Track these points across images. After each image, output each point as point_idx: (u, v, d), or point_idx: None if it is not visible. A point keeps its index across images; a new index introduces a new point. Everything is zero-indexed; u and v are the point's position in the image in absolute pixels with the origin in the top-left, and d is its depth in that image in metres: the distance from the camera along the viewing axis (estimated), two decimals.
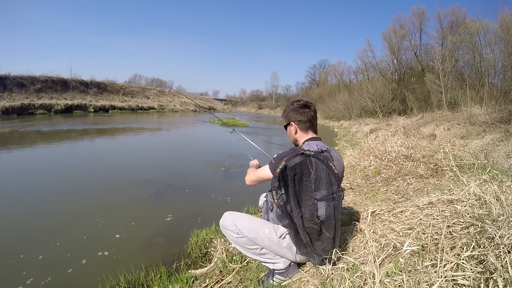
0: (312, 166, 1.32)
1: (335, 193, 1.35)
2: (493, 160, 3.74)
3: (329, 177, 1.33)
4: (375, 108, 18.33)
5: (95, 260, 2.38)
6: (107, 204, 3.60)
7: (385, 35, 21.35)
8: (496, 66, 12.28)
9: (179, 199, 3.89)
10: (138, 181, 4.69)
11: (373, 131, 10.81)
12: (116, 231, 2.88)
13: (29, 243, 2.64)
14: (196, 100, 45.92)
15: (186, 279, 1.96)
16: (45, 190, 4.12)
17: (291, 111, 1.56)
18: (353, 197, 3.01)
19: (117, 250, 2.54)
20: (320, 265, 1.41)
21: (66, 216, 3.24)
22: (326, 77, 45.11)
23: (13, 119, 16.06)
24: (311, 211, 1.33)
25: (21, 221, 3.06)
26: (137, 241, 2.72)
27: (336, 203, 1.36)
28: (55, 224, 3.05)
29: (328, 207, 1.35)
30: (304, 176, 1.32)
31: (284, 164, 1.32)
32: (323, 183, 1.33)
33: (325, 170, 1.32)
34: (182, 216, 3.32)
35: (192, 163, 6.48)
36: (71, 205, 3.55)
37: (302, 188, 1.33)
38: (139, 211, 3.40)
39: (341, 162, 1.52)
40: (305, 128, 1.53)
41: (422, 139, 6.32)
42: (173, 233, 2.93)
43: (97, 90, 29.98)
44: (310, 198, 1.33)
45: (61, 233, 2.82)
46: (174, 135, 12.78)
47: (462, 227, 1.35)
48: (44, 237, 2.77)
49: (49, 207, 3.48)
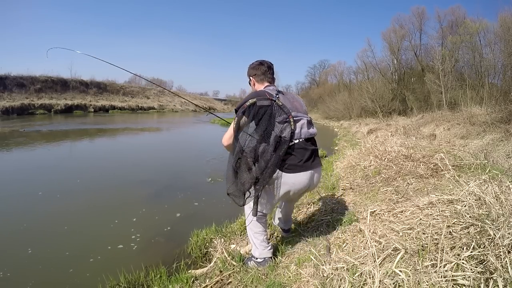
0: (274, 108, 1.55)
1: (289, 120, 1.56)
2: (493, 160, 3.74)
3: (282, 111, 1.57)
4: (375, 108, 18.33)
5: (95, 260, 2.38)
6: (107, 204, 3.60)
7: (385, 35, 21.41)
8: (496, 66, 12.30)
9: (179, 199, 3.89)
10: (138, 181, 4.69)
11: (373, 131, 10.80)
12: (116, 231, 2.88)
13: (29, 243, 2.63)
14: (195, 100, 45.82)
15: (186, 279, 1.96)
16: (44, 190, 4.12)
17: (250, 69, 1.85)
18: (353, 197, 3.01)
19: (117, 250, 2.54)
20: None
21: (65, 216, 3.23)
22: (326, 77, 45.14)
23: (13, 119, 16.07)
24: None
25: (21, 221, 3.06)
26: (137, 241, 2.72)
27: (291, 127, 1.56)
28: (54, 224, 3.05)
29: (286, 128, 1.54)
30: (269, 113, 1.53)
31: (254, 101, 1.53)
32: (281, 115, 1.55)
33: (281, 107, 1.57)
34: (182, 216, 3.33)
35: (192, 163, 6.48)
36: (70, 205, 3.55)
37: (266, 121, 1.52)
38: (139, 211, 3.39)
39: (297, 97, 1.80)
40: (261, 80, 1.80)
41: (422, 139, 6.31)
42: (173, 233, 2.92)
43: (97, 90, 29.98)
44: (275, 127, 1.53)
45: (61, 233, 2.81)
46: (174, 135, 12.78)
47: (462, 227, 1.35)
48: (44, 237, 2.77)
49: (49, 207, 3.48)
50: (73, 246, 2.57)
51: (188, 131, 15.07)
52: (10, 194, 3.93)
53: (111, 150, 8.08)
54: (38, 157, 6.56)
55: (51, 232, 2.87)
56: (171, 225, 3.09)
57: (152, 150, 8.06)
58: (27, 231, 2.87)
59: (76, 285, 2.10)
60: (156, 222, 3.13)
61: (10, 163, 5.98)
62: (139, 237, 2.79)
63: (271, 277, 1.75)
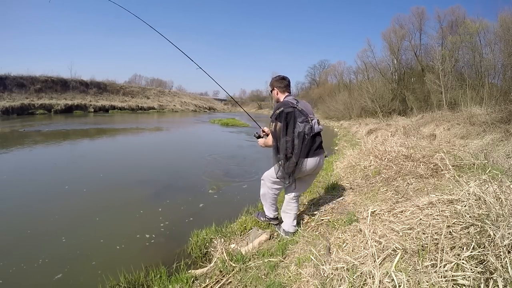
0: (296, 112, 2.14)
1: (308, 119, 2.15)
2: (493, 160, 3.74)
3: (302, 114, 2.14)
4: (375, 108, 18.31)
5: (95, 260, 2.38)
6: (107, 204, 3.60)
7: (385, 35, 21.37)
8: (496, 66, 12.28)
9: (179, 199, 3.90)
10: (138, 181, 4.69)
11: (373, 131, 10.80)
12: (116, 231, 2.88)
13: (29, 243, 2.64)
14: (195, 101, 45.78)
15: (186, 279, 1.96)
16: (45, 191, 4.13)
17: (274, 81, 2.36)
18: (353, 197, 3.01)
19: (117, 250, 2.54)
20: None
21: (65, 216, 3.24)
22: (326, 77, 45.03)
23: (13, 119, 16.07)
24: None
25: (20, 221, 3.06)
26: (137, 241, 2.72)
27: (311, 124, 2.15)
28: (54, 224, 3.05)
29: (307, 126, 2.13)
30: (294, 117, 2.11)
31: (281, 109, 2.10)
32: (301, 116, 2.13)
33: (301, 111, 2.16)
34: (182, 216, 3.32)
35: (192, 163, 6.48)
36: (70, 205, 3.55)
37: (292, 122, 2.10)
38: (139, 211, 3.39)
39: (308, 105, 2.30)
40: (283, 91, 2.32)
41: (422, 139, 6.31)
42: (173, 233, 2.93)
43: (97, 90, 29.94)
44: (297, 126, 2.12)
45: (60, 233, 2.81)
46: (174, 135, 12.78)
47: (462, 227, 1.35)
48: (44, 237, 2.77)
49: (49, 207, 3.48)
50: (73, 246, 2.57)
51: (188, 131, 15.07)
52: (9, 194, 3.92)
53: (111, 150, 8.08)
54: (38, 158, 6.55)
55: (50, 232, 2.87)
56: (171, 225, 3.09)
57: (153, 150, 8.05)
58: (26, 231, 2.86)
59: (76, 285, 2.10)
60: (156, 222, 3.13)
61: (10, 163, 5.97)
62: (139, 237, 2.79)
63: (271, 277, 1.75)
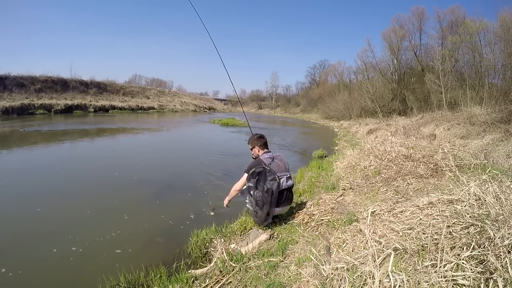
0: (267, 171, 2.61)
1: (276, 178, 2.57)
2: (493, 160, 3.74)
3: (271, 173, 2.59)
4: (375, 108, 18.33)
5: (95, 260, 2.38)
6: (107, 204, 3.59)
7: (385, 35, 21.40)
8: (496, 66, 12.29)
9: (179, 199, 3.89)
10: (138, 181, 4.68)
11: (373, 131, 10.81)
12: (116, 231, 2.87)
13: (29, 243, 2.64)
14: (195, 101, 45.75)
15: (186, 279, 1.96)
16: (45, 191, 4.13)
17: (254, 140, 2.86)
18: (353, 197, 3.01)
19: (117, 250, 2.54)
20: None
21: (65, 217, 3.23)
22: (326, 77, 45.07)
23: (13, 119, 16.05)
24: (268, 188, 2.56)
25: (20, 221, 3.06)
26: (137, 241, 2.72)
27: (278, 182, 2.56)
28: (54, 224, 3.05)
29: (274, 184, 2.55)
30: (264, 175, 2.58)
31: (253, 170, 2.60)
32: (271, 175, 2.59)
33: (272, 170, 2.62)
34: (182, 216, 3.32)
35: (192, 163, 6.47)
36: (70, 205, 3.55)
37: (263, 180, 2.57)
38: (139, 211, 3.39)
39: (283, 159, 2.79)
40: (262, 148, 2.82)
41: (422, 139, 6.31)
42: (173, 233, 2.93)
43: (97, 90, 29.91)
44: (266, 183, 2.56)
45: (60, 233, 2.81)
46: (174, 135, 12.77)
47: (462, 227, 1.35)
48: (44, 237, 2.77)
49: (49, 207, 3.47)
50: (73, 246, 2.56)
51: (188, 131, 15.07)
52: (9, 194, 3.92)
53: (111, 150, 8.07)
54: (38, 158, 6.54)
55: (50, 232, 2.87)
56: (171, 225, 3.09)
57: (152, 151, 8.05)
58: (26, 231, 2.85)
59: (76, 285, 2.10)
60: (156, 222, 3.13)
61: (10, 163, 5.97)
62: (139, 237, 2.79)
63: (271, 277, 1.75)
